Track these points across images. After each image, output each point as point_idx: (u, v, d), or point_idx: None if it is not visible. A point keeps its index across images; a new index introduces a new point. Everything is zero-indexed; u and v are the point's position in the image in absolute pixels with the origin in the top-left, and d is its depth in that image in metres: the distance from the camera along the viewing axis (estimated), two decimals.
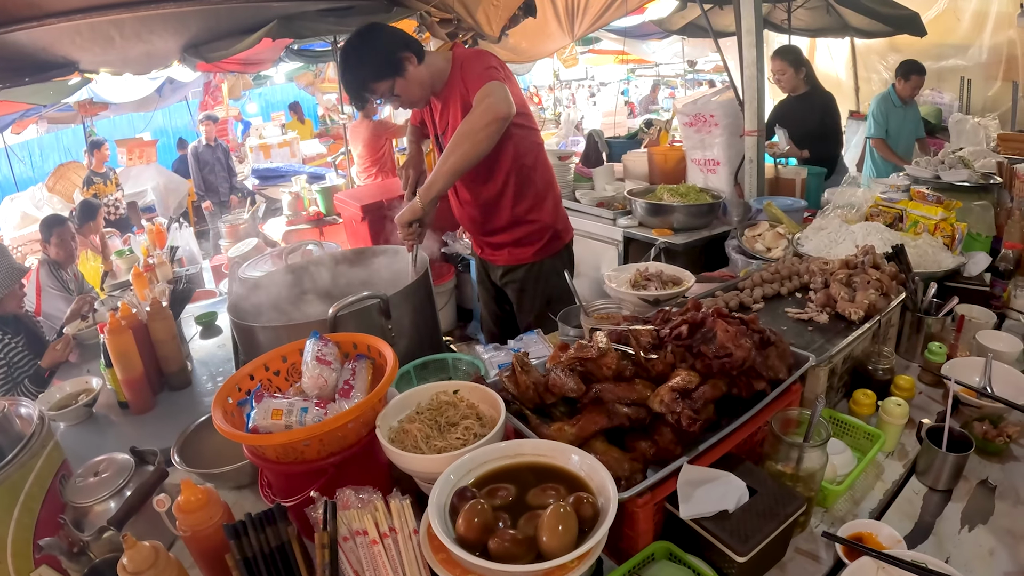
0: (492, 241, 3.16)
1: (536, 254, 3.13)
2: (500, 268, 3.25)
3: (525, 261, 3.14)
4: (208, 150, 9.70)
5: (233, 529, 1.33)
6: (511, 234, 3.07)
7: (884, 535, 1.56)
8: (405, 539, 1.32)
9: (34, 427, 1.78)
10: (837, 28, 7.09)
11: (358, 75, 2.68)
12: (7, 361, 3.66)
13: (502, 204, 2.98)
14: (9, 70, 5.11)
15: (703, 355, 1.64)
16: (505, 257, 3.18)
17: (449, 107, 2.82)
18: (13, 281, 3.84)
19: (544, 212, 3.09)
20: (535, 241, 3.11)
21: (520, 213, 3.01)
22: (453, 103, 2.78)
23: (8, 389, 3.58)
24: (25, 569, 1.67)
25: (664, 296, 2.29)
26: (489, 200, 2.99)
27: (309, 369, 1.73)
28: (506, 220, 3.03)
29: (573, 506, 1.23)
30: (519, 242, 3.10)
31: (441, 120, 2.90)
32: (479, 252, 3.35)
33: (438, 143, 3.02)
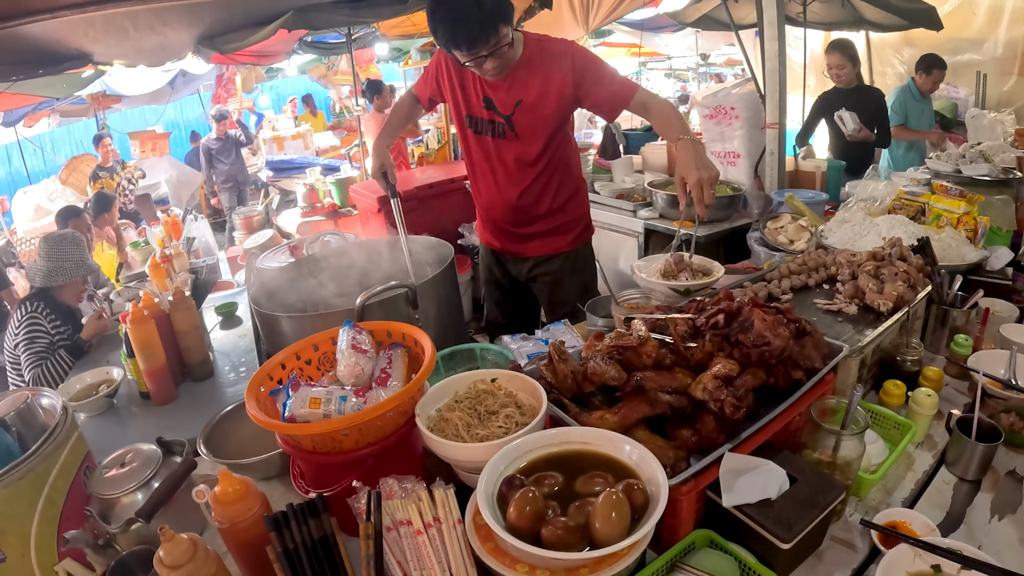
0: (523, 232, 3.07)
1: (572, 243, 3.09)
2: (529, 260, 3.15)
3: (561, 251, 3.08)
4: (219, 143, 9.72)
5: (274, 520, 1.31)
6: (547, 223, 3.01)
7: (918, 523, 1.56)
8: (449, 529, 1.31)
9: (58, 418, 1.75)
10: (852, 21, 7.03)
11: (496, 9, 2.40)
12: (51, 339, 3.69)
13: (545, 192, 2.93)
14: (23, 62, 5.13)
15: (741, 344, 1.63)
16: (536, 248, 3.10)
17: (520, 92, 2.72)
18: (78, 274, 3.90)
19: (579, 202, 3.08)
20: (570, 230, 3.08)
21: (560, 202, 2.97)
22: (530, 86, 2.70)
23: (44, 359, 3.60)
24: (49, 562, 1.65)
25: (695, 286, 2.28)
26: (532, 187, 2.92)
27: (345, 357, 1.73)
28: (545, 208, 2.97)
29: (625, 493, 1.23)
30: (555, 231, 3.04)
31: (503, 100, 2.75)
32: (497, 246, 3.23)
33: (470, 124, 2.89)
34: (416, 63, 8.59)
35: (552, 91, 2.68)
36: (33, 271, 3.86)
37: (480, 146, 2.92)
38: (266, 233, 6.20)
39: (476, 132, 2.88)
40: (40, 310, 3.74)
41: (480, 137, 2.89)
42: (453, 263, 2.60)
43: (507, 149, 2.85)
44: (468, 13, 2.36)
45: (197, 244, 5.82)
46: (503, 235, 3.17)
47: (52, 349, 3.64)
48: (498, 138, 2.84)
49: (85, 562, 1.71)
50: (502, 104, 2.75)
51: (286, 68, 13.39)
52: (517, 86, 2.71)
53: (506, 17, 2.44)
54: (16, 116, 10.35)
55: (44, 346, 3.65)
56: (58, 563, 1.67)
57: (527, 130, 2.77)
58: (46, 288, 3.82)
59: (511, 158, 2.86)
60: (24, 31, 4.55)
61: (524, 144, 2.81)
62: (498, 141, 2.85)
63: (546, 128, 2.78)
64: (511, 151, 2.85)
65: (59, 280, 3.80)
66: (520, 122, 2.75)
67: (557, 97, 2.69)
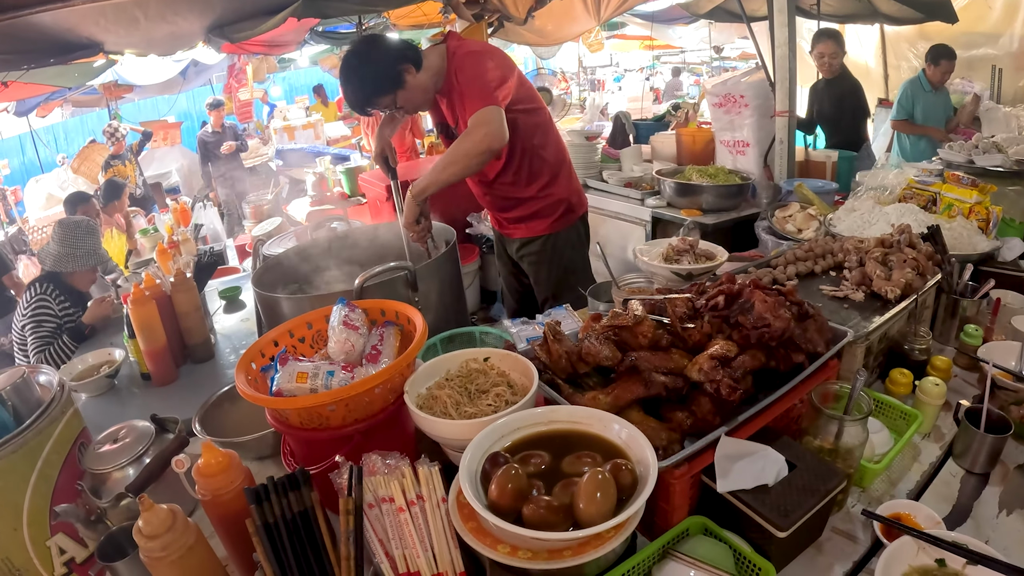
0: (509, 216, 3.19)
1: (551, 226, 3.15)
2: (517, 242, 3.27)
3: (541, 233, 3.16)
4: (215, 136, 9.70)
5: (254, 493, 1.30)
6: (527, 208, 3.11)
7: (922, 516, 1.52)
8: (433, 507, 1.28)
9: (53, 393, 1.76)
10: (866, 14, 6.98)
11: (360, 94, 2.73)
12: (59, 321, 3.70)
13: (517, 185, 3.02)
14: (34, 51, 5.13)
15: (741, 325, 1.59)
16: (522, 231, 3.20)
17: (455, 104, 2.84)
18: (89, 263, 3.89)
19: (558, 187, 3.11)
20: (549, 214, 3.13)
21: (534, 191, 3.05)
22: (457, 100, 2.81)
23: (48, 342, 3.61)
24: (41, 537, 1.66)
25: (697, 270, 2.25)
26: (505, 182, 3.03)
27: (336, 333, 1.70)
28: (521, 196, 3.07)
29: (611, 473, 1.19)
30: (534, 215, 3.12)
31: (451, 114, 2.92)
32: (498, 228, 3.39)
33: (448, 135, 3.04)
34: None
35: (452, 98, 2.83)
36: (45, 253, 3.85)
37: None
38: (274, 221, 6.21)
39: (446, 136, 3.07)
40: (50, 292, 3.74)
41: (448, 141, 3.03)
42: (455, 247, 2.58)
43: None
44: (347, 98, 2.83)
45: (205, 231, 5.84)
46: (497, 219, 3.36)
47: (58, 333, 3.64)
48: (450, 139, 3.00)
49: (77, 536, 1.71)
50: (448, 118, 2.97)
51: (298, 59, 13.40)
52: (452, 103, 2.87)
53: (371, 97, 2.73)
54: (29, 106, 10.41)
55: (50, 330, 3.64)
56: (50, 538, 1.67)
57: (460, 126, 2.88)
58: (55, 272, 3.82)
59: None
60: (35, 20, 4.55)
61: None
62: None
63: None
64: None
65: (69, 267, 3.80)
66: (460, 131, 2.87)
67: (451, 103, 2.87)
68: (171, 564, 1.32)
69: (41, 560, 1.66)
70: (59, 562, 1.69)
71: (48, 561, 1.67)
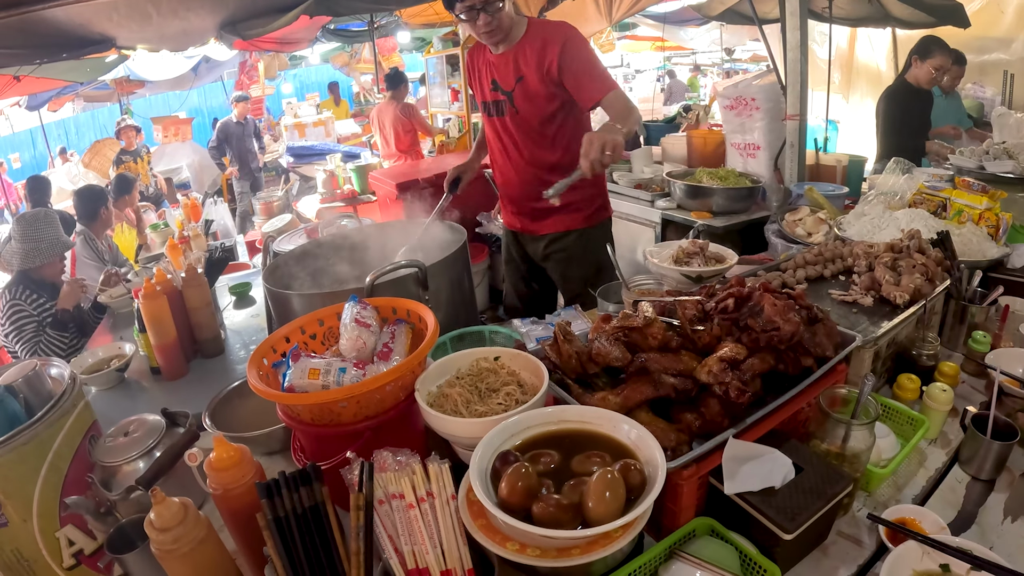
0: (539, 207, 3.13)
1: (586, 220, 3.16)
2: (544, 238, 3.24)
3: (575, 227, 3.15)
4: (238, 127, 9.72)
5: (266, 488, 1.30)
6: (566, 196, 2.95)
7: (928, 522, 1.52)
8: (443, 504, 1.29)
9: (65, 386, 1.76)
10: (878, 18, 6.95)
11: None
12: (39, 320, 3.73)
13: (561, 169, 2.98)
14: (47, 46, 5.15)
15: (750, 329, 1.60)
16: (552, 225, 3.17)
17: (520, 69, 2.89)
18: (56, 252, 3.90)
19: (593, 180, 3.10)
20: (585, 207, 3.14)
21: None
22: (528, 63, 2.86)
23: (36, 343, 3.65)
24: (51, 528, 1.66)
25: (707, 273, 2.25)
26: (550, 164, 3.02)
27: (347, 331, 1.71)
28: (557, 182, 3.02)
29: (621, 472, 1.20)
30: (569, 207, 3.09)
31: (505, 78, 2.95)
32: (517, 225, 3.35)
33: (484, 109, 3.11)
34: (438, 51, 8.59)
35: (543, 67, 2.82)
36: (10, 254, 3.83)
37: (493, 128, 3.13)
38: (285, 217, 6.22)
39: (489, 115, 3.11)
40: (20, 295, 3.76)
41: (491, 119, 3.11)
42: (465, 245, 2.58)
43: (513, 125, 3.02)
44: None
45: (215, 227, 5.85)
46: (521, 214, 3.29)
47: (41, 329, 3.67)
48: (503, 116, 3.04)
49: (86, 528, 1.72)
50: (504, 81, 2.96)
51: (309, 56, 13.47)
52: (517, 63, 2.89)
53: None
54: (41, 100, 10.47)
55: (33, 330, 3.69)
56: (59, 529, 1.68)
57: (526, 106, 2.94)
58: (25, 270, 3.81)
59: (518, 133, 3.03)
60: (48, 15, 4.58)
61: (525, 117, 2.97)
62: (503, 119, 3.05)
63: (543, 103, 2.91)
64: (517, 126, 3.02)
65: (37, 261, 3.80)
66: (519, 98, 2.93)
67: (545, 73, 2.83)
68: (182, 557, 1.33)
69: (50, 551, 1.67)
70: (68, 554, 1.70)
71: (57, 553, 1.68)
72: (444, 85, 9.04)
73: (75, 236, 5.00)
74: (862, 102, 8.06)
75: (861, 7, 6.86)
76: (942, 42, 4.90)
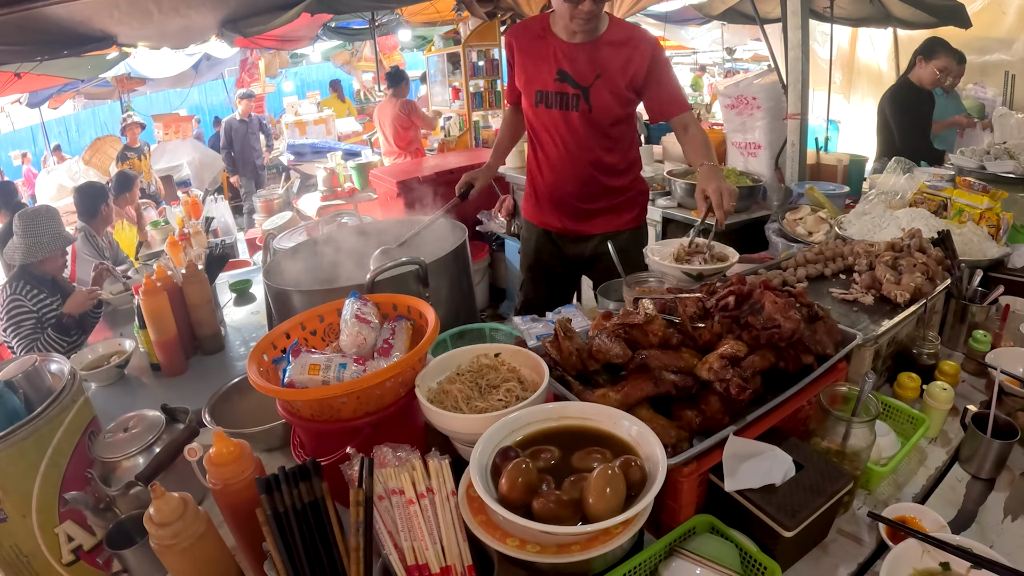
0: (590, 208, 3.04)
1: (637, 219, 3.14)
2: (594, 238, 3.09)
3: (628, 227, 3.09)
4: (242, 125, 9.72)
5: (265, 483, 1.29)
6: (613, 198, 3.01)
7: (928, 520, 1.52)
8: (443, 500, 1.28)
9: (65, 382, 1.76)
10: (879, 18, 6.94)
11: None
12: (38, 316, 3.73)
13: (622, 169, 2.98)
14: (47, 43, 5.16)
15: (750, 326, 1.59)
16: (603, 224, 3.07)
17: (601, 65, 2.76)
18: (56, 247, 3.90)
19: (639, 178, 3.12)
20: (635, 205, 3.12)
21: (626, 180, 3.03)
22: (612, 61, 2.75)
23: (34, 340, 3.66)
24: (50, 524, 1.67)
25: (708, 271, 2.25)
26: (608, 166, 2.95)
27: (348, 327, 1.71)
28: (619, 184, 3.00)
29: (621, 469, 1.20)
30: (620, 206, 3.04)
31: (580, 71, 2.78)
32: (556, 225, 3.16)
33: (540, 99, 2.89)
34: (439, 50, 8.59)
35: (628, 71, 2.74)
36: (11, 251, 3.85)
37: (547, 121, 2.92)
38: (285, 215, 6.24)
39: (547, 106, 2.88)
40: (20, 290, 3.77)
41: (550, 111, 2.89)
42: (465, 243, 2.58)
43: (582, 123, 2.85)
44: None
45: (216, 224, 5.86)
46: (567, 214, 3.11)
47: (41, 327, 3.67)
48: (569, 110, 2.84)
49: (85, 524, 1.72)
50: (580, 75, 2.78)
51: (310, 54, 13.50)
52: (599, 59, 2.75)
53: None
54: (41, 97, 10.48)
55: (32, 327, 3.68)
56: (59, 525, 1.68)
57: (601, 103, 2.79)
58: (26, 265, 3.83)
59: (586, 132, 2.87)
60: (50, 12, 4.59)
61: (597, 117, 2.82)
62: (569, 113, 2.85)
63: (618, 104, 2.81)
64: (587, 124, 2.85)
65: (38, 255, 3.80)
66: (596, 95, 2.78)
67: (630, 78, 2.75)
68: (181, 552, 1.33)
69: (49, 547, 1.67)
70: (67, 549, 1.71)
71: (56, 548, 1.69)
72: (445, 83, 9.04)
73: (76, 232, 5.00)
74: (863, 102, 8.06)
75: (862, 7, 6.85)
76: (947, 43, 4.89)
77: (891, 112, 5.05)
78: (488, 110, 8.60)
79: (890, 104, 5.07)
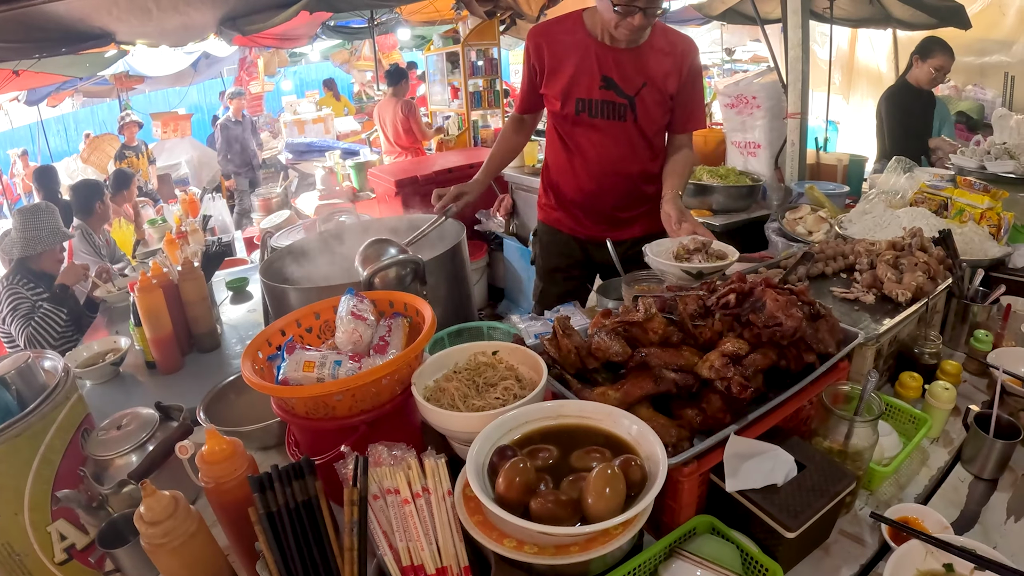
0: (626, 216, 2.98)
1: None
2: (626, 242, 2.95)
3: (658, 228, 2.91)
4: (237, 125, 9.70)
5: (258, 482, 1.28)
6: (651, 203, 2.89)
7: (931, 521, 1.50)
8: (439, 500, 1.26)
9: (58, 379, 1.76)
10: (879, 19, 6.94)
11: None
12: (32, 303, 3.81)
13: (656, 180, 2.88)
14: (46, 40, 5.16)
15: (752, 324, 1.57)
16: (639, 228, 2.98)
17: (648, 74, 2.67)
18: (55, 242, 4.00)
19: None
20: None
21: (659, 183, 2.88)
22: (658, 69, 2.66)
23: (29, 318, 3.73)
24: (42, 522, 1.66)
25: (707, 269, 2.22)
26: (651, 175, 2.88)
27: (343, 324, 1.69)
28: (655, 190, 2.87)
29: (621, 468, 1.18)
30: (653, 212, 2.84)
31: (628, 79, 2.66)
32: (586, 232, 3.06)
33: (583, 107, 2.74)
34: (438, 49, 8.59)
35: (671, 79, 2.68)
36: (10, 244, 3.95)
37: (594, 130, 2.78)
38: (283, 214, 6.23)
39: (591, 115, 2.75)
40: (18, 281, 3.86)
41: (594, 121, 2.75)
42: (463, 241, 2.56)
43: (628, 132, 2.76)
44: None
45: (213, 222, 5.86)
46: (602, 221, 3.00)
47: (37, 307, 3.73)
48: (616, 119, 2.74)
49: (78, 523, 1.72)
50: (627, 83, 2.67)
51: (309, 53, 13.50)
52: (646, 67, 2.66)
53: None
54: (40, 95, 10.47)
55: (29, 308, 3.77)
56: (51, 523, 1.68)
57: (647, 111, 2.72)
58: (23, 259, 3.92)
59: (632, 141, 2.79)
60: (48, 9, 4.58)
61: (643, 126, 2.75)
62: (617, 123, 2.74)
63: (660, 114, 2.76)
64: (633, 134, 2.77)
65: (37, 248, 3.91)
66: (643, 102, 2.70)
67: (672, 86, 2.69)
68: (172, 551, 1.31)
69: (41, 545, 1.67)
70: (59, 548, 1.70)
71: (48, 547, 1.68)
72: (444, 82, 9.04)
73: (73, 230, 5.00)
74: (862, 103, 8.07)
75: (862, 8, 6.85)
76: (943, 42, 4.88)
77: (890, 113, 5.05)
78: (487, 109, 8.59)
79: (888, 105, 5.07)
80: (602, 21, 2.56)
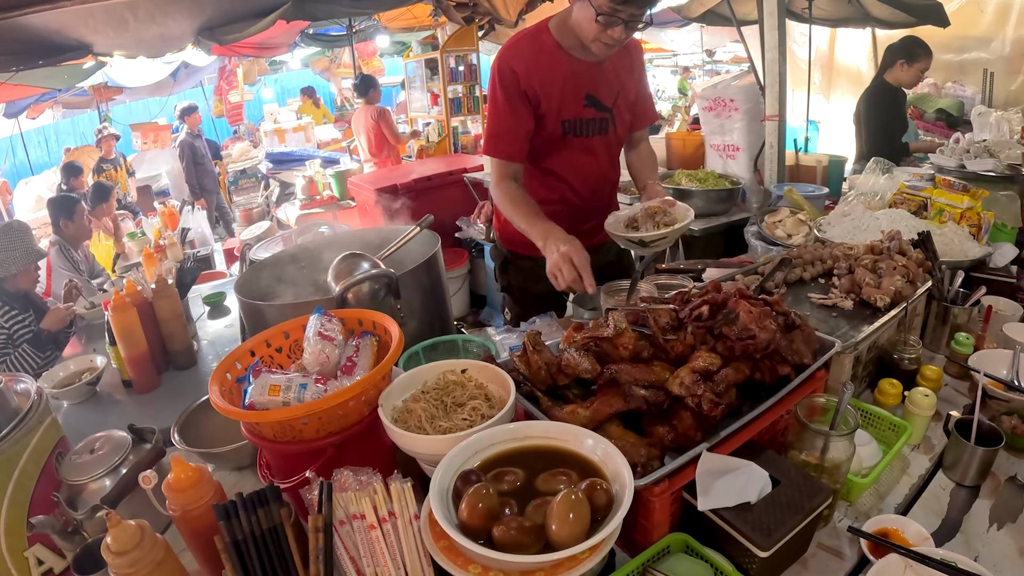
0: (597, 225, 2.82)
1: None
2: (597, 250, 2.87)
3: None
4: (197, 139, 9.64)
5: (223, 510, 1.27)
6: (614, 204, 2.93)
7: (911, 532, 1.49)
8: (405, 524, 1.25)
9: (31, 402, 1.74)
10: (858, 18, 6.98)
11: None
12: (8, 333, 3.74)
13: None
14: (22, 53, 5.14)
15: (725, 337, 1.55)
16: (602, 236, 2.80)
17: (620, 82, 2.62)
18: (29, 262, 3.94)
19: None
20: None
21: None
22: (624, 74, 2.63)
23: (4, 356, 3.66)
24: (18, 547, 1.64)
25: (650, 238, 2.15)
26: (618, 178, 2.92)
27: (311, 345, 1.66)
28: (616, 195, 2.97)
29: (586, 493, 1.16)
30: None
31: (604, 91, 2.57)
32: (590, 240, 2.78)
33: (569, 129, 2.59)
34: (417, 55, 8.58)
35: (632, 81, 2.67)
36: None
37: (580, 150, 2.66)
38: (263, 225, 6.21)
39: (576, 135, 2.62)
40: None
41: (582, 139, 2.64)
42: (438, 252, 2.54)
43: (607, 144, 2.71)
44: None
45: (192, 235, 5.81)
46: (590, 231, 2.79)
47: (13, 343, 3.67)
48: (600, 134, 2.66)
49: (54, 547, 1.69)
50: (604, 96, 2.59)
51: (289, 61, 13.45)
52: (616, 74, 2.60)
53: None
54: (19, 107, 10.41)
55: (5, 339, 3.70)
56: (28, 548, 1.66)
57: (622, 117, 2.68)
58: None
59: (611, 153, 2.76)
60: (24, 21, 4.56)
61: (620, 135, 2.73)
62: (597, 139, 2.66)
63: (631, 114, 2.74)
64: (611, 145, 2.74)
65: (11, 269, 3.85)
66: (619, 110, 2.65)
67: (635, 84, 2.69)
68: None
69: (19, 570, 1.66)
70: (37, 573, 1.68)
71: (26, 571, 1.67)
72: (423, 89, 9.01)
73: (50, 246, 4.96)
74: (843, 102, 8.10)
75: (841, 7, 6.88)
76: (924, 44, 4.91)
77: (869, 113, 5.06)
78: (467, 115, 8.58)
79: (867, 105, 5.08)
80: (577, 32, 2.38)
